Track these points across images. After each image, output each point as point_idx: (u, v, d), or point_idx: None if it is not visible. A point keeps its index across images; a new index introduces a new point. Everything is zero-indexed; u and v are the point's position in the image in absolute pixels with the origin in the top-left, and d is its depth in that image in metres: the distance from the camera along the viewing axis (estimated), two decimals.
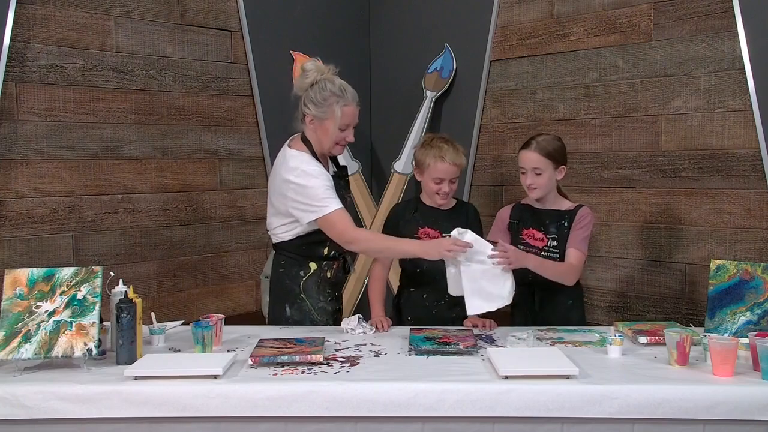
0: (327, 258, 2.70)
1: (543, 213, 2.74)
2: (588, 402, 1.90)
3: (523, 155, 2.70)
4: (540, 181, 2.68)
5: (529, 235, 2.73)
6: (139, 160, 3.48)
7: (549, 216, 2.73)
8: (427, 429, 1.94)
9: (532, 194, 2.72)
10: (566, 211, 2.73)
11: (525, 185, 2.72)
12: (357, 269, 4.13)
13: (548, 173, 2.68)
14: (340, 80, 2.68)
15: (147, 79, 3.49)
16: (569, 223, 2.69)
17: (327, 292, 2.73)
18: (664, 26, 3.30)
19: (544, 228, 2.72)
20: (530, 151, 2.68)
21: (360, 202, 4.18)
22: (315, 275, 2.69)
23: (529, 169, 2.68)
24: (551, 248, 2.69)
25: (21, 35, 3.08)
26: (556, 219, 2.72)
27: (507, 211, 2.83)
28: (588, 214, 2.71)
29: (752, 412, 1.88)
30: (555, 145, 2.71)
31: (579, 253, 2.65)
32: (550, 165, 2.67)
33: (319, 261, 2.70)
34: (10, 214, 3.08)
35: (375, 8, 4.43)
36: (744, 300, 2.29)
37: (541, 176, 2.67)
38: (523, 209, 2.80)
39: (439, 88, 4.05)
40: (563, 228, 2.69)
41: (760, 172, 3.04)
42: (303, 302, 2.69)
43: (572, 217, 2.70)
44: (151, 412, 1.92)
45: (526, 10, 3.77)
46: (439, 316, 2.75)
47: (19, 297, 2.17)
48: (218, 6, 3.74)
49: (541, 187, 2.69)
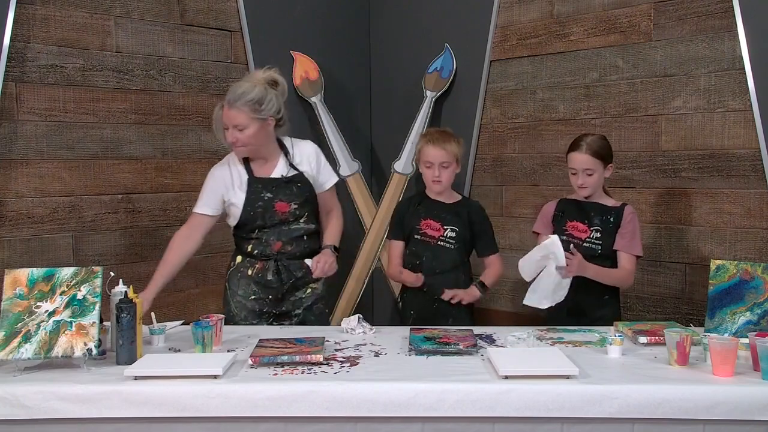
0: (251, 255, 2.78)
1: (587, 205, 2.81)
2: (588, 402, 1.90)
3: (574, 157, 2.75)
4: (591, 181, 2.74)
5: (572, 227, 2.79)
6: (139, 160, 3.48)
7: (594, 209, 2.79)
8: (427, 429, 1.94)
9: (582, 193, 2.78)
10: (612, 207, 2.80)
11: (575, 185, 2.78)
12: (357, 270, 4.13)
13: (599, 173, 2.75)
14: (242, 83, 2.72)
15: (147, 79, 3.49)
16: (615, 219, 2.76)
17: (251, 289, 2.78)
18: (664, 26, 3.30)
19: (588, 220, 2.78)
20: (581, 153, 2.74)
21: (360, 202, 4.18)
22: (238, 268, 2.81)
23: (580, 170, 2.74)
24: (594, 240, 2.75)
25: (21, 35, 3.08)
26: (600, 213, 2.78)
27: (552, 205, 2.90)
28: (634, 215, 2.79)
29: (752, 412, 1.88)
30: (603, 144, 2.78)
31: (631, 257, 2.75)
32: (600, 165, 2.75)
33: (244, 256, 2.80)
34: (10, 214, 3.08)
35: (375, 8, 4.43)
36: (744, 300, 2.29)
37: (592, 176, 2.74)
38: (567, 202, 2.87)
39: (439, 88, 4.05)
40: (608, 223, 2.76)
41: (760, 172, 3.04)
42: (225, 291, 2.84)
43: (618, 214, 2.77)
44: (151, 412, 1.92)
45: (526, 10, 3.77)
46: (439, 310, 2.78)
47: (19, 297, 2.17)
48: (218, 6, 3.74)
49: (591, 186, 2.76)
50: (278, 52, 3.99)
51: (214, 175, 2.81)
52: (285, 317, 2.80)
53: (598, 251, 2.74)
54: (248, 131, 2.67)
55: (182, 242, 2.78)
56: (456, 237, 2.85)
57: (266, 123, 2.70)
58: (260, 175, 2.77)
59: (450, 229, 2.84)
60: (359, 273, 4.13)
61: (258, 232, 2.76)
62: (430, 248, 2.87)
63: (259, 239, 2.76)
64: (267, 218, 2.74)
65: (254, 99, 2.65)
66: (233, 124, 2.67)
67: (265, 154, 2.78)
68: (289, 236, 2.76)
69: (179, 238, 2.79)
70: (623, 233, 2.75)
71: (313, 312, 2.84)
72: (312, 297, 2.83)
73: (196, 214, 2.81)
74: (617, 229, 2.76)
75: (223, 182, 2.78)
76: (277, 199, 2.75)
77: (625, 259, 2.75)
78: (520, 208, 3.83)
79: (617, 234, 2.75)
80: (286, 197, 2.75)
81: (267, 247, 2.75)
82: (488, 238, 2.95)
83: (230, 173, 2.79)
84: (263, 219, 2.74)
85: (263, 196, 2.74)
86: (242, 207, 2.73)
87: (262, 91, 2.68)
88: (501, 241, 3.85)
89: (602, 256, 2.73)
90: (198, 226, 2.80)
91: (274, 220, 2.74)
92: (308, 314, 2.82)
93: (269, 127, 2.73)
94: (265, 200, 2.73)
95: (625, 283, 2.79)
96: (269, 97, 2.69)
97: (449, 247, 2.85)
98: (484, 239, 2.93)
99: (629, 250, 2.74)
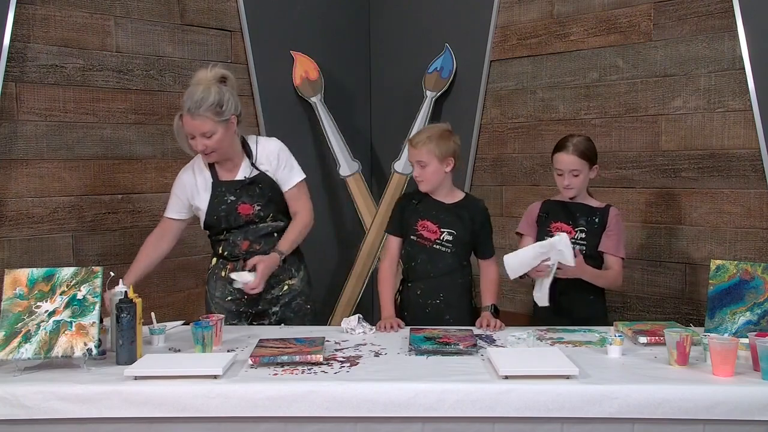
0: (222, 256, 2.79)
1: (572, 206, 2.81)
2: (588, 402, 1.90)
3: (561, 158, 2.75)
4: (576, 182, 2.75)
5: (557, 228, 2.78)
6: (139, 160, 3.48)
7: (579, 210, 2.80)
8: (427, 429, 1.94)
9: (568, 194, 2.79)
10: (597, 208, 2.81)
11: (561, 186, 2.78)
12: (357, 270, 4.14)
13: (584, 173, 2.76)
14: (196, 89, 2.62)
15: (147, 79, 3.49)
16: (600, 220, 2.77)
17: (228, 290, 2.77)
18: (664, 26, 3.30)
19: (572, 221, 2.79)
20: (567, 153, 2.74)
21: (360, 202, 4.18)
22: (213, 270, 2.83)
23: (566, 171, 2.75)
24: (578, 241, 2.76)
25: (21, 35, 3.08)
26: (586, 213, 2.79)
27: (537, 206, 2.90)
28: (618, 216, 2.80)
29: (752, 412, 1.88)
30: (588, 145, 2.79)
31: (618, 259, 2.76)
32: (586, 165, 2.76)
33: (218, 257, 2.81)
34: (10, 214, 3.08)
35: (375, 8, 4.43)
36: (744, 300, 2.29)
37: (578, 177, 2.75)
38: (552, 204, 2.87)
39: (439, 88, 4.05)
40: (593, 223, 2.77)
41: (760, 172, 3.04)
42: (206, 293, 2.86)
43: (604, 215, 2.78)
44: (151, 412, 1.92)
45: (526, 10, 3.77)
46: (433, 315, 2.73)
47: (19, 297, 2.17)
48: (218, 6, 3.74)
49: (577, 187, 2.77)
50: (278, 52, 3.99)
51: (180, 180, 2.80)
52: (263, 316, 2.80)
53: (582, 251, 2.73)
54: (216, 136, 2.61)
55: (151, 246, 2.79)
56: (453, 240, 2.75)
57: (230, 123, 2.65)
58: (224, 178, 2.74)
59: (447, 232, 2.76)
60: (359, 273, 4.13)
61: (226, 233, 2.76)
62: (426, 251, 2.77)
63: (227, 240, 2.75)
64: (231, 221, 2.73)
65: (214, 102, 2.58)
66: (200, 133, 2.60)
67: (231, 155, 2.73)
68: (257, 235, 2.74)
69: (148, 243, 2.80)
70: (609, 234, 2.76)
71: (292, 309, 2.81)
72: (289, 294, 2.81)
73: (165, 218, 2.82)
74: (602, 229, 2.77)
75: (189, 187, 2.77)
76: (240, 201, 2.72)
77: (613, 261, 2.76)
78: (520, 208, 3.82)
79: (603, 235, 2.76)
80: (249, 199, 2.72)
81: (235, 248, 2.74)
82: (487, 241, 2.86)
83: (194, 178, 2.77)
84: (227, 222, 2.73)
85: (226, 199, 2.71)
86: (206, 211, 2.74)
87: (218, 92, 2.60)
88: (501, 241, 3.85)
89: (586, 257, 2.71)
90: (167, 230, 2.81)
91: (239, 222, 2.73)
92: (286, 311, 2.81)
93: (234, 127, 2.68)
94: (228, 203, 2.71)
95: (616, 284, 2.80)
96: (227, 97, 2.62)
97: (445, 251, 2.75)
98: (483, 242, 2.86)
99: (616, 252, 2.76)
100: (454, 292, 2.78)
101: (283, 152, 2.80)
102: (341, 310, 4.09)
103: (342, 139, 4.14)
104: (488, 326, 2.59)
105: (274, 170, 2.76)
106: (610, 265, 2.77)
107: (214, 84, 2.63)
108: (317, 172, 4.20)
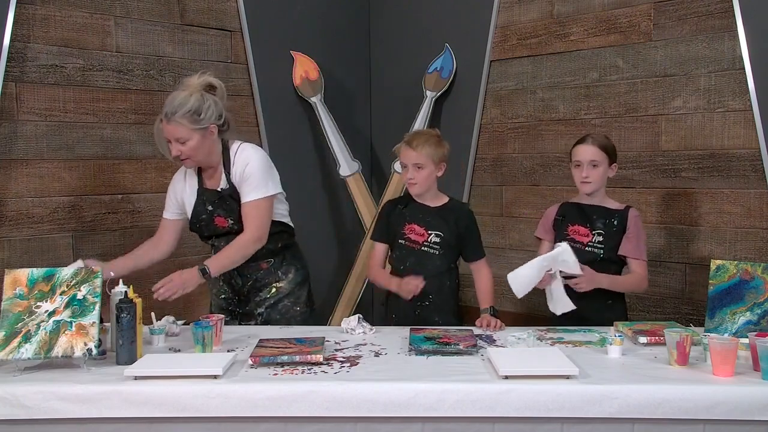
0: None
1: (590, 209, 2.76)
2: (588, 402, 1.90)
3: (580, 149, 2.73)
4: (595, 174, 2.70)
5: (574, 231, 2.75)
6: (139, 160, 3.48)
7: (596, 212, 2.75)
8: (427, 429, 1.94)
9: (585, 188, 2.73)
10: (616, 210, 2.76)
11: (578, 179, 2.73)
12: (357, 270, 4.13)
13: (603, 167, 2.71)
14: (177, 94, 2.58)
15: (147, 79, 3.49)
16: (619, 222, 2.72)
17: (223, 288, 2.82)
18: (664, 26, 3.30)
19: (590, 224, 2.74)
20: (587, 144, 2.72)
21: (360, 202, 4.18)
22: None
23: (585, 162, 2.70)
24: (596, 243, 2.71)
25: (21, 35, 3.08)
26: (604, 216, 2.74)
27: (554, 209, 2.86)
28: (638, 218, 2.75)
29: (752, 412, 1.88)
30: (608, 142, 2.77)
31: (642, 262, 2.72)
32: (606, 159, 2.72)
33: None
34: (10, 214, 3.08)
35: (375, 8, 4.43)
36: (744, 300, 2.29)
37: (597, 169, 2.70)
38: (569, 206, 2.83)
39: (439, 88, 4.05)
40: (611, 226, 2.72)
41: (760, 172, 3.04)
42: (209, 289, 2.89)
43: (623, 217, 2.73)
44: (151, 412, 1.92)
45: (526, 10, 3.77)
46: (422, 317, 2.73)
47: (19, 297, 2.17)
48: (218, 6, 3.74)
49: (595, 180, 2.71)
50: (278, 52, 3.99)
51: (174, 182, 2.82)
52: (250, 317, 2.81)
53: (600, 255, 2.69)
54: (191, 143, 2.57)
55: (149, 244, 2.83)
56: (441, 242, 2.75)
57: (208, 132, 2.60)
58: (207, 186, 2.73)
59: (434, 234, 2.76)
60: (359, 273, 4.13)
61: (212, 239, 2.78)
62: (414, 254, 2.77)
63: (215, 246, 2.78)
64: (212, 229, 2.73)
65: (191, 109, 2.53)
66: (174, 138, 2.57)
67: (213, 163, 2.69)
68: None
69: (148, 241, 2.84)
70: (629, 237, 2.70)
71: (278, 311, 2.81)
72: (276, 296, 2.81)
73: (162, 218, 2.85)
74: (621, 232, 2.71)
75: (179, 190, 2.79)
76: (216, 213, 2.70)
77: (636, 264, 2.71)
78: (520, 208, 3.83)
79: (624, 238, 2.70)
80: (224, 212, 2.69)
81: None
82: (475, 243, 2.83)
83: (185, 181, 2.78)
84: (209, 230, 2.74)
85: (207, 208, 2.71)
86: (190, 218, 2.76)
87: (199, 99, 2.55)
88: (501, 241, 3.86)
89: (604, 260, 2.69)
90: (164, 230, 2.83)
91: (218, 231, 2.73)
92: (272, 313, 2.80)
93: (212, 136, 2.62)
94: (207, 212, 2.71)
95: (640, 287, 2.76)
96: (207, 105, 2.57)
97: (433, 253, 2.75)
98: (471, 244, 2.84)
99: (637, 255, 2.70)
100: (443, 294, 2.79)
101: (253, 163, 2.66)
102: (341, 310, 4.08)
103: (342, 139, 4.14)
104: (488, 326, 2.59)
105: (238, 181, 2.67)
106: (633, 269, 2.72)
107: (198, 91, 2.58)
108: (317, 172, 4.20)
